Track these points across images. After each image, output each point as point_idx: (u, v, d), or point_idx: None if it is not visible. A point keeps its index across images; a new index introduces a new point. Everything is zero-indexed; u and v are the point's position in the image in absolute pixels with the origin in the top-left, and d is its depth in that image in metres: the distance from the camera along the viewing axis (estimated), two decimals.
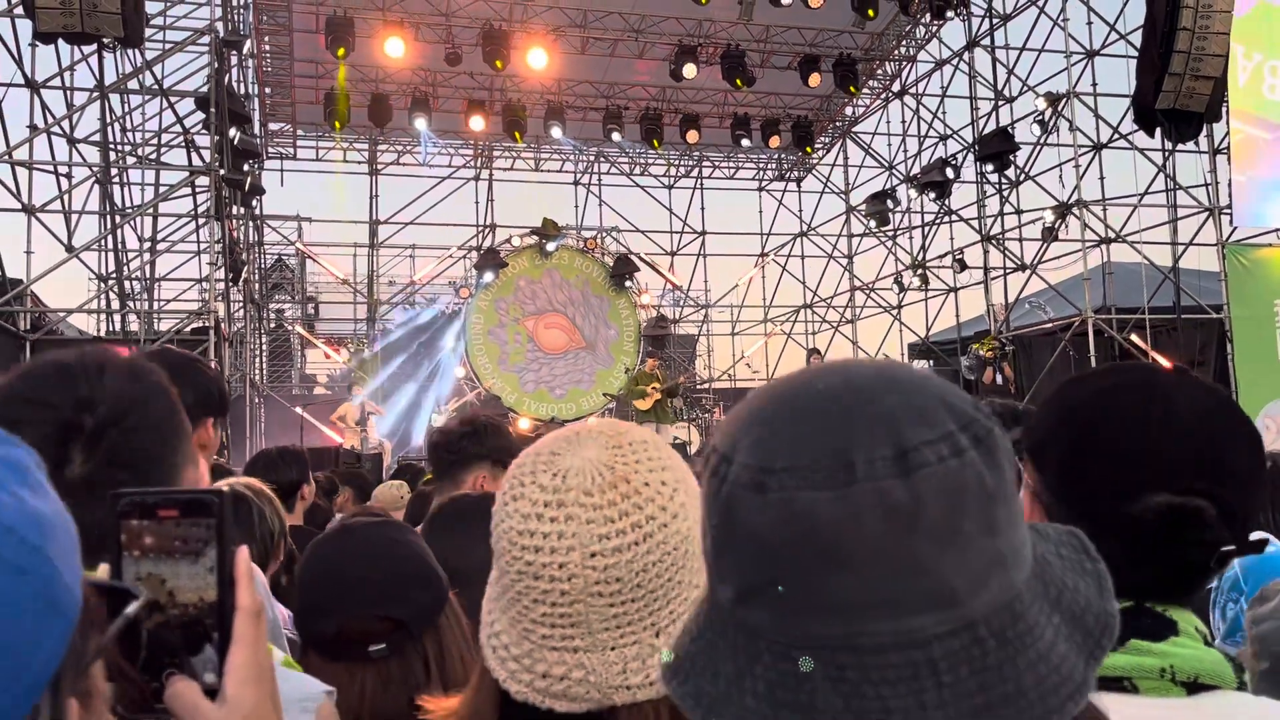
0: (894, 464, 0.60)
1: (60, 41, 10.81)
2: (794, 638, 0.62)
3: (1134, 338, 13.68)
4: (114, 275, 13.69)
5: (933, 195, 17.84)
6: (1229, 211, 13.52)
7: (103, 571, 0.83)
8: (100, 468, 1.06)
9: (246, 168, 13.63)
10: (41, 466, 0.65)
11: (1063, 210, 14.95)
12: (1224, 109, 12.76)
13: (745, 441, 0.65)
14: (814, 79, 17.36)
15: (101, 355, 1.18)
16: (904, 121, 19.45)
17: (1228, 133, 13.00)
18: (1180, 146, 13.94)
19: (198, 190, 13.21)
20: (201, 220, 13.14)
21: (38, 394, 1.11)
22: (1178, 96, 12.37)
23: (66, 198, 12.75)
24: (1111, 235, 14.67)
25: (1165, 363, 12.32)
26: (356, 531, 1.82)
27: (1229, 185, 13.21)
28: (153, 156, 14.74)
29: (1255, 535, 1.18)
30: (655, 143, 18.62)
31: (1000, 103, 16.47)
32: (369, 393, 15.56)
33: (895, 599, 0.60)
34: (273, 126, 18.87)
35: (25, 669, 0.58)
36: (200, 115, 12.84)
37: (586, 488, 0.98)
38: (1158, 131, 13.23)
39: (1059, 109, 15.08)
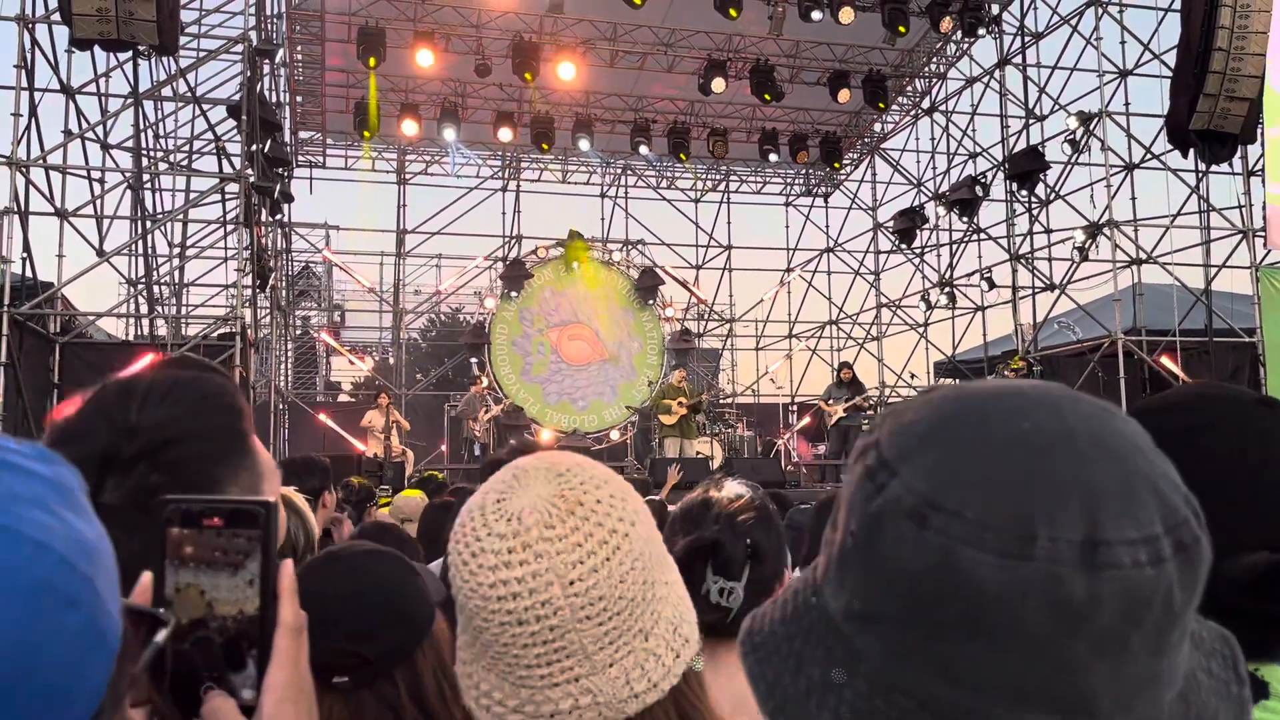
0: (1080, 552, 0.53)
1: (96, 48, 10.94)
2: (901, 681, 0.57)
3: (1164, 360, 13.52)
4: (143, 280, 13.81)
5: (961, 213, 17.74)
6: (1263, 234, 13.35)
7: (145, 582, 0.81)
8: (126, 498, 1.04)
9: (275, 175, 13.73)
10: (84, 489, 0.64)
11: (1093, 230, 14.82)
12: (1259, 130, 12.61)
13: (918, 459, 0.58)
14: (843, 95, 17.32)
15: (172, 381, 1.14)
16: (933, 139, 19.40)
17: (1262, 154, 12.83)
18: (1214, 168, 13.80)
19: (227, 197, 13.32)
20: (230, 227, 13.25)
21: (94, 413, 1.10)
22: (1212, 117, 12.26)
23: (99, 202, 12.88)
24: (1143, 256, 14.52)
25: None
26: (341, 560, 1.81)
27: (1263, 207, 13.04)
28: (184, 163, 14.89)
29: None
30: (683, 156, 18.64)
31: (1031, 121, 16.36)
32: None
33: (1028, 692, 0.54)
34: (303, 135, 19.03)
35: (74, 703, 0.56)
36: (232, 123, 12.96)
37: (547, 522, 0.98)
38: (1191, 152, 13.11)
39: (1091, 128, 14.97)
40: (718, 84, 16.56)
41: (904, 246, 19.69)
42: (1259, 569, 0.99)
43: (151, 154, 14.44)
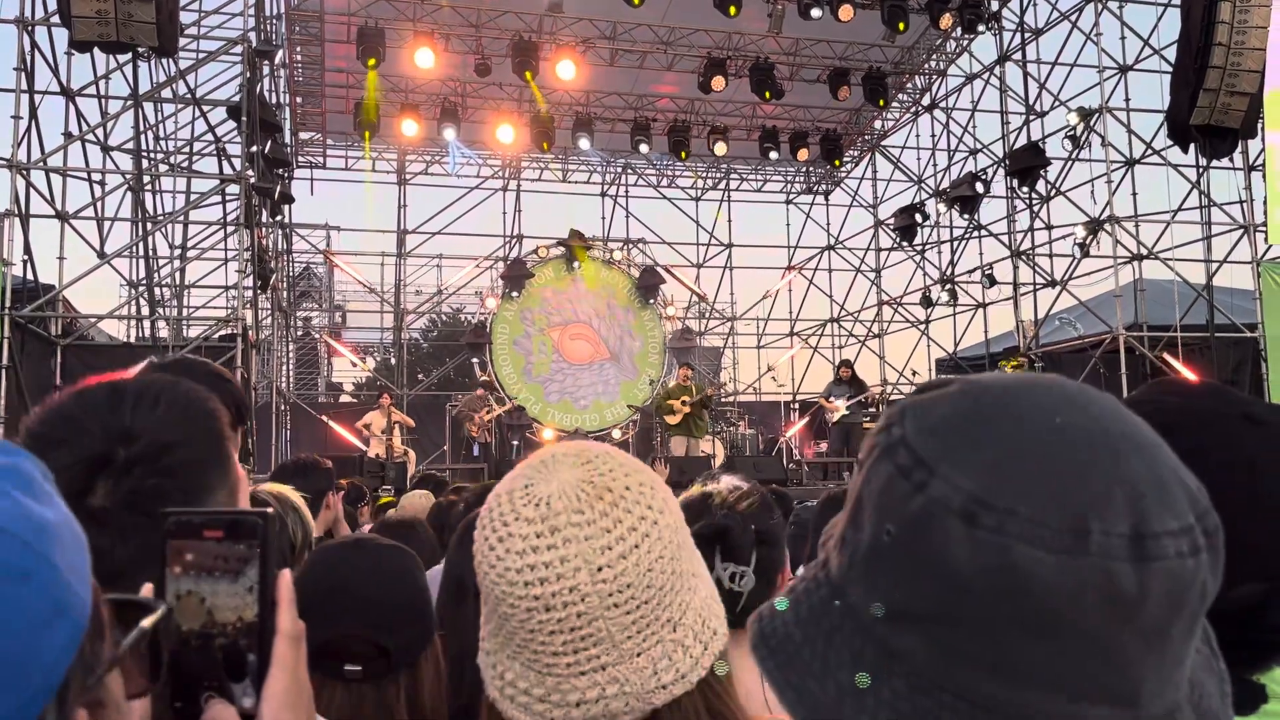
0: (1129, 545, 0.54)
1: (96, 50, 10.94)
2: (949, 681, 0.57)
3: (1166, 356, 13.52)
4: (144, 282, 13.81)
5: (961, 210, 17.73)
6: (1264, 229, 13.35)
7: (146, 591, 0.82)
8: (119, 504, 1.04)
9: (275, 176, 13.73)
10: (49, 478, 0.64)
11: (1094, 226, 14.81)
12: (1259, 125, 12.61)
13: (958, 456, 0.57)
14: (843, 92, 17.32)
15: (159, 386, 1.15)
16: (933, 135, 19.40)
17: (1263, 149, 12.85)
18: (1215, 162, 13.80)
19: (228, 198, 13.34)
20: (231, 228, 13.26)
21: (82, 416, 1.09)
22: (1213, 112, 12.26)
23: (99, 205, 12.90)
24: (1144, 252, 14.52)
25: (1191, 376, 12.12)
26: (368, 548, 1.82)
27: (1264, 202, 13.05)
28: (185, 164, 14.90)
29: None
30: (683, 155, 18.63)
31: (1031, 117, 16.37)
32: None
33: (1079, 684, 0.55)
34: (303, 135, 19.04)
35: (31, 674, 0.56)
36: (232, 124, 12.97)
37: (576, 507, 0.97)
38: (1192, 147, 13.10)
39: (1091, 124, 14.97)
40: (717, 82, 16.56)
41: (905, 244, 19.69)
42: (1250, 599, 0.98)
43: (152, 156, 14.44)
